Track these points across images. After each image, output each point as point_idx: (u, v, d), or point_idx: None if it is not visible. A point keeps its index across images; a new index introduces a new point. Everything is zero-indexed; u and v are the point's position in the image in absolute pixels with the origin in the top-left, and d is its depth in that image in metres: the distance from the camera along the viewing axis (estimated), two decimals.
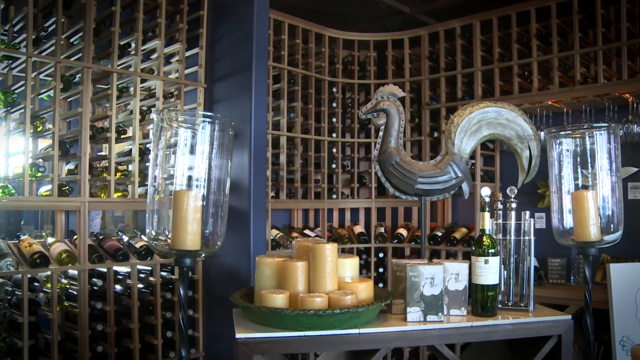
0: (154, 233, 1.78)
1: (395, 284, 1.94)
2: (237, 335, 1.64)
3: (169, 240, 1.76)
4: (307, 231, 4.20)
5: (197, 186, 1.74)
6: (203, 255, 1.73)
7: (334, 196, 4.31)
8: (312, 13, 4.15)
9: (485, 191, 1.92)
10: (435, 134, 4.18)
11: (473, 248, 1.92)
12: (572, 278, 3.63)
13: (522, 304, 2.00)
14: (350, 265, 1.92)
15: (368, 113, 2.10)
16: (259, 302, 1.79)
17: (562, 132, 2.04)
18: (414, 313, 1.81)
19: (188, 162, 1.76)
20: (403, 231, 4.38)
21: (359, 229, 4.47)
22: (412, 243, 4.25)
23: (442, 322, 1.80)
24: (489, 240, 1.90)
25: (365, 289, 1.81)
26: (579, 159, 2.02)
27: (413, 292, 1.81)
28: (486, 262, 1.88)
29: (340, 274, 1.87)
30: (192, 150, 1.76)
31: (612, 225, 1.99)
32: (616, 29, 3.48)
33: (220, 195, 1.77)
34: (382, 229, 4.47)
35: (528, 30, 3.73)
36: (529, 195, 3.88)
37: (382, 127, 2.10)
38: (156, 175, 1.77)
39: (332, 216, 4.50)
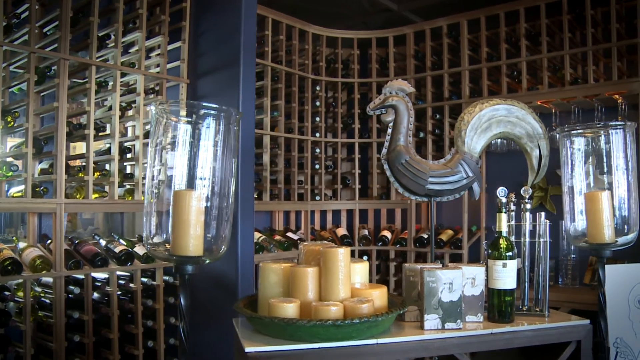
0: (151, 237, 1.62)
1: (409, 290, 1.83)
2: (247, 349, 1.51)
3: (167, 246, 1.61)
4: (289, 234, 4.06)
5: (200, 186, 1.59)
6: (207, 261, 1.59)
7: (317, 197, 4.19)
8: (293, 10, 4.02)
9: (502, 191, 1.84)
10: (422, 135, 4.11)
11: (489, 251, 1.84)
12: (560, 280, 3.61)
13: (537, 309, 1.93)
14: (360, 271, 1.81)
15: (376, 109, 1.99)
16: (267, 312, 1.66)
17: (575, 131, 1.97)
18: (431, 320, 1.70)
19: (189, 159, 1.61)
20: (387, 233, 4.30)
21: (341, 231, 4.36)
22: (397, 245, 4.17)
23: (461, 330, 1.71)
24: (506, 243, 1.82)
25: (379, 296, 1.70)
26: (590, 159, 1.96)
27: (430, 298, 1.70)
28: (504, 265, 1.79)
29: (351, 279, 1.75)
30: (194, 147, 1.61)
31: (626, 227, 1.93)
32: (603, 30, 3.48)
33: (225, 196, 1.63)
34: (365, 231, 4.37)
35: (515, 30, 3.70)
36: (515, 196, 3.84)
37: (391, 125, 2.00)
38: (154, 174, 1.61)
39: (313, 218, 4.38)
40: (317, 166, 4.20)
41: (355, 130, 4.32)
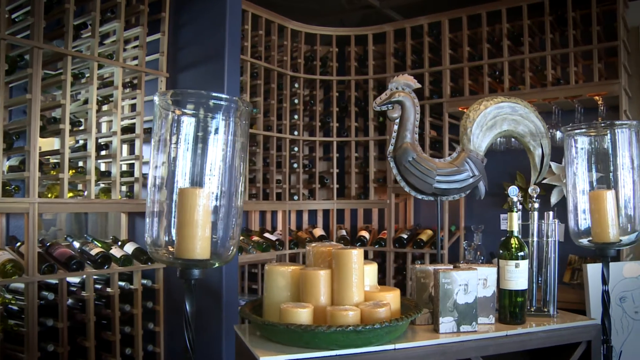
0: (151, 240, 1.50)
1: (420, 292, 1.77)
2: (262, 359, 1.41)
3: (170, 248, 1.49)
4: (266, 234, 3.95)
5: (208, 184, 1.48)
6: (216, 265, 1.48)
7: (296, 197, 4.10)
8: (269, 4, 3.90)
9: (513, 190, 1.80)
10: None
11: (500, 251, 1.80)
12: (540, 279, 3.63)
13: (545, 310, 1.90)
14: (370, 273, 1.73)
15: (382, 105, 1.92)
16: (277, 318, 1.57)
17: (579, 130, 1.96)
18: (446, 323, 1.65)
19: (196, 155, 1.49)
20: (365, 233, 4.25)
21: (319, 231, 4.28)
22: (376, 246, 4.12)
23: (476, 332, 1.66)
24: (517, 243, 1.78)
25: (393, 299, 1.63)
26: (595, 158, 1.95)
27: (446, 300, 1.65)
28: (517, 266, 1.75)
29: None
30: (201, 141, 1.49)
31: (629, 226, 1.93)
32: (582, 32, 3.52)
33: (234, 194, 1.52)
34: (343, 232, 4.31)
35: (495, 30, 3.71)
36: (494, 196, 3.86)
37: (397, 121, 1.93)
38: (156, 171, 1.49)
39: (289, 218, 4.28)
40: (295, 165, 4.10)
41: (334, 129, 4.25)
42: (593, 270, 3.07)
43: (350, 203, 4.31)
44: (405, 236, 4.02)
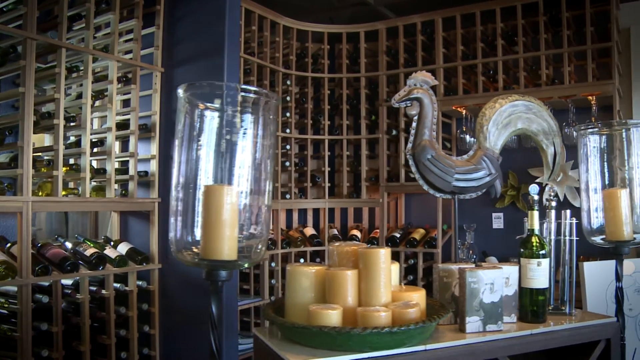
0: (175, 240, 1.43)
1: (442, 291, 1.74)
2: None
3: (195, 249, 1.43)
4: None
5: (236, 181, 1.42)
6: (246, 265, 1.42)
7: (287, 196, 4.04)
8: (264, 1, 3.83)
9: (534, 188, 1.79)
10: (394, 132, 4.06)
11: (521, 250, 1.79)
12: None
13: (562, 308, 1.90)
14: (393, 272, 1.70)
15: (401, 101, 1.89)
16: (302, 319, 1.52)
17: (592, 129, 1.96)
18: (473, 323, 1.63)
19: (223, 151, 1.43)
20: (356, 232, 4.22)
21: (310, 230, 4.24)
22: (368, 245, 4.07)
23: (502, 332, 1.64)
24: (538, 241, 1.77)
25: (420, 299, 1.60)
26: (607, 156, 1.96)
27: (472, 299, 1.62)
28: (539, 264, 1.75)
29: None
30: (228, 136, 1.43)
31: None
32: (574, 33, 3.57)
33: (263, 192, 1.46)
34: (335, 231, 4.28)
35: (488, 29, 3.73)
36: (486, 194, 3.87)
37: (415, 118, 1.91)
38: (182, 168, 1.42)
39: (279, 217, 4.22)
40: (287, 164, 4.04)
41: (325, 127, 4.21)
42: (589, 268, 3.10)
43: (342, 202, 4.27)
44: (397, 235, 4.00)
